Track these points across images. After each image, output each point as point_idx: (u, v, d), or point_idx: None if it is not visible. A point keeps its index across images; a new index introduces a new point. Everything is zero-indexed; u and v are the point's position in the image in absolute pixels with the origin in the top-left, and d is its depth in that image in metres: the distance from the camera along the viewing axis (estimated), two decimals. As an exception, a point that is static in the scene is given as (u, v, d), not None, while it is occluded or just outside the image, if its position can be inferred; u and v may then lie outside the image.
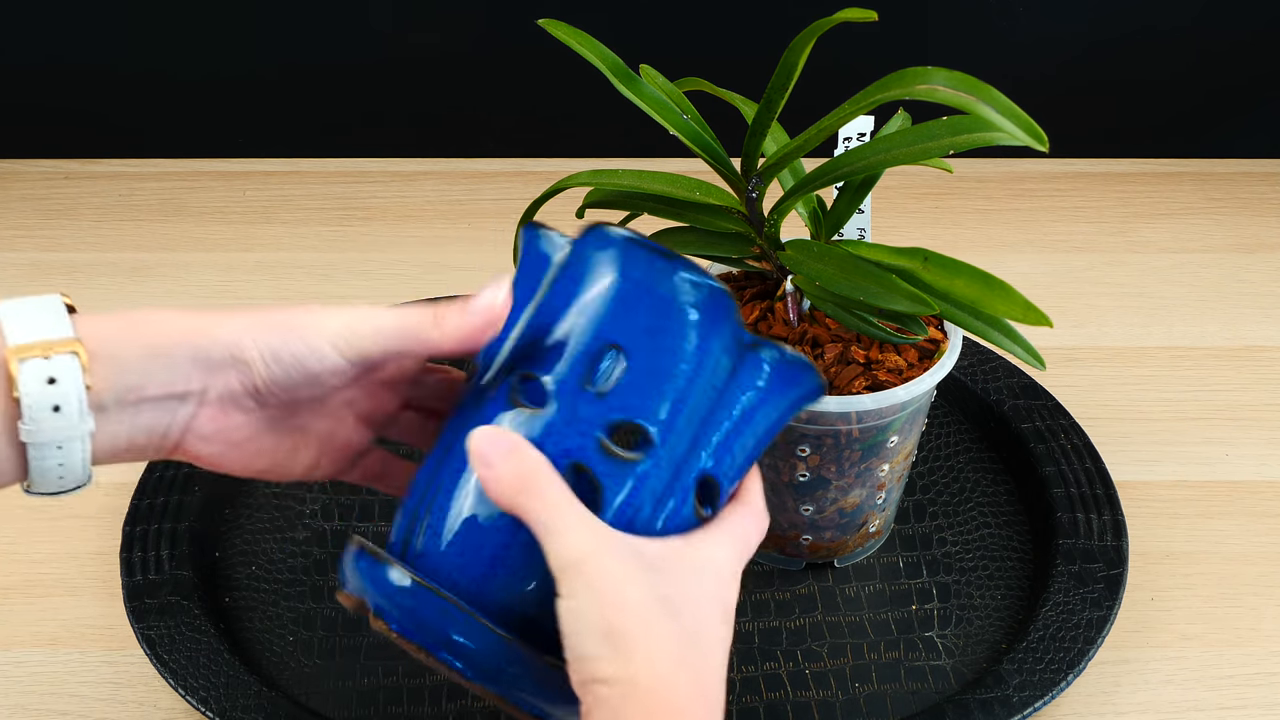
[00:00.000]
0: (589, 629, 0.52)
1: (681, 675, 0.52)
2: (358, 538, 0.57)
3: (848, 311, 0.71)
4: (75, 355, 0.53)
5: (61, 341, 0.53)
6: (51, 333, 0.53)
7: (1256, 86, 1.17)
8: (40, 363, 0.52)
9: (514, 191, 1.15)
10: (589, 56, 0.72)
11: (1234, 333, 1.01)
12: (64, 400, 0.53)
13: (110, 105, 1.17)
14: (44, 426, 0.53)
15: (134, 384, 0.55)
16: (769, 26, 1.10)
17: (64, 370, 0.53)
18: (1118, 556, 0.79)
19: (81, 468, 0.55)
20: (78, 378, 0.53)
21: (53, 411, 0.53)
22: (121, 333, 0.55)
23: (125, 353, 0.54)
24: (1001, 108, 0.60)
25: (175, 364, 0.55)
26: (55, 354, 0.53)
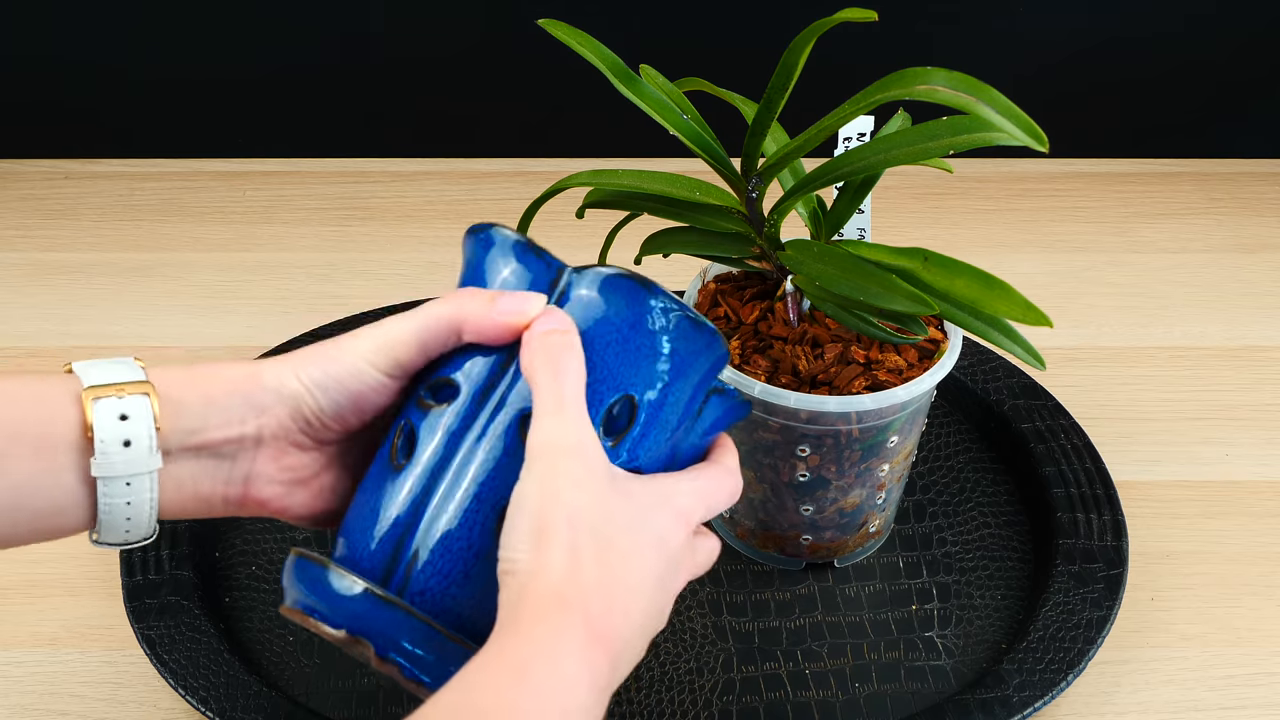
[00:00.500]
0: (524, 518, 0.54)
1: (591, 585, 0.53)
2: (297, 550, 0.59)
3: (848, 311, 0.71)
4: (147, 395, 0.56)
5: (134, 384, 0.56)
6: (124, 376, 0.56)
7: (1256, 86, 1.17)
8: (114, 400, 0.55)
9: (514, 191, 1.15)
10: (589, 56, 0.72)
11: (1234, 333, 1.01)
12: (135, 436, 0.55)
13: (110, 105, 1.17)
14: (114, 461, 0.55)
15: (194, 427, 0.57)
16: (769, 26, 1.10)
17: (136, 408, 0.56)
18: (1118, 556, 0.79)
19: (149, 513, 0.57)
20: (149, 415, 0.56)
21: (124, 446, 0.55)
22: (184, 382, 0.58)
23: (186, 399, 0.57)
24: (1001, 108, 0.60)
25: (230, 408, 0.58)
26: (128, 394, 0.56)
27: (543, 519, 0.53)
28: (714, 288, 0.79)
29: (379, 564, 0.58)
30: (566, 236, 0.85)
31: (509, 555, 0.54)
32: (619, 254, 0.78)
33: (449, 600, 0.57)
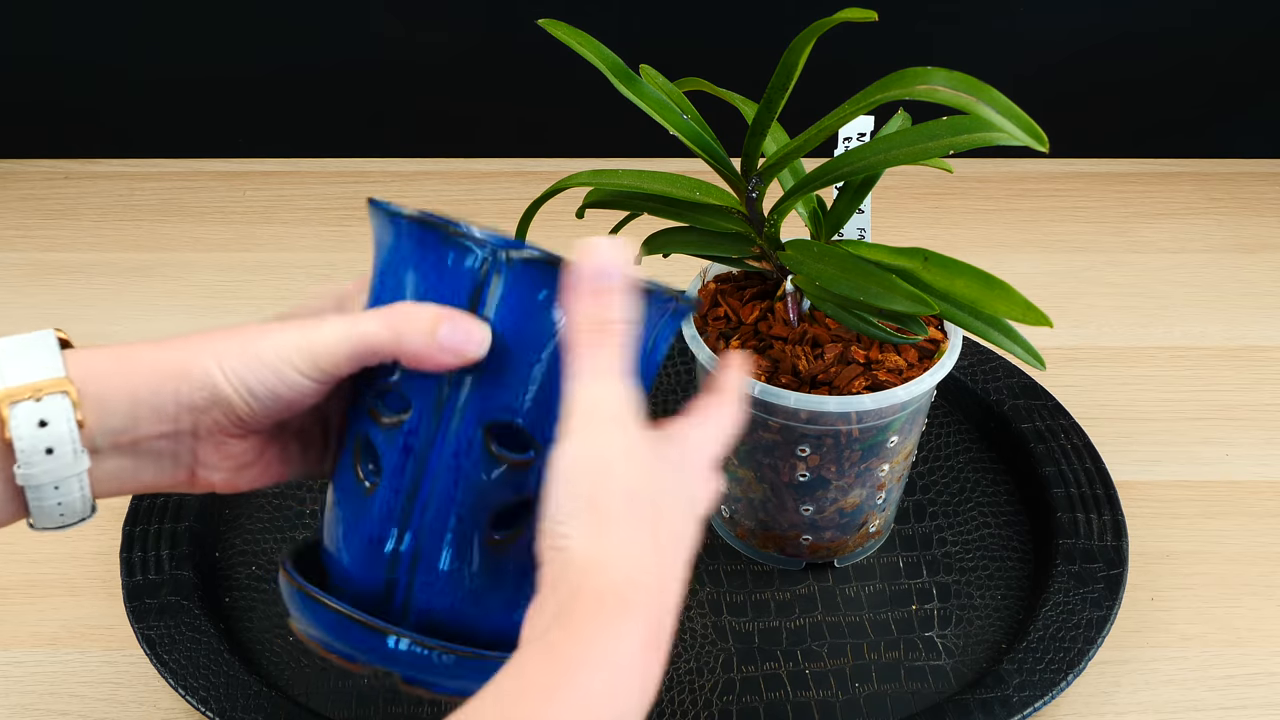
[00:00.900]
0: (575, 491, 0.51)
1: (654, 585, 0.51)
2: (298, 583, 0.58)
3: (848, 311, 0.71)
4: (65, 395, 0.53)
5: (52, 382, 0.53)
6: (42, 373, 0.53)
7: (1256, 86, 1.17)
8: (31, 405, 0.53)
9: (514, 191, 1.15)
10: (589, 56, 0.72)
11: (1234, 333, 1.01)
12: (57, 442, 0.53)
13: (110, 105, 1.17)
14: (38, 469, 0.54)
15: (122, 427, 0.55)
16: (769, 26, 1.10)
17: (55, 412, 0.53)
18: (1118, 556, 0.79)
19: (81, 504, 0.55)
20: (69, 418, 0.53)
21: (46, 454, 0.53)
22: (105, 373, 0.55)
23: (109, 396, 0.54)
24: (1001, 108, 0.60)
25: (159, 406, 0.55)
26: (46, 395, 0.53)
27: (597, 496, 0.51)
28: (714, 288, 0.79)
29: (377, 591, 0.57)
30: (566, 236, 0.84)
31: (559, 530, 0.51)
32: (619, 254, 0.78)
33: (459, 615, 0.57)
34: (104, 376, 0.54)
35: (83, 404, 0.54)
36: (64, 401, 0.53)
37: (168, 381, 0.55)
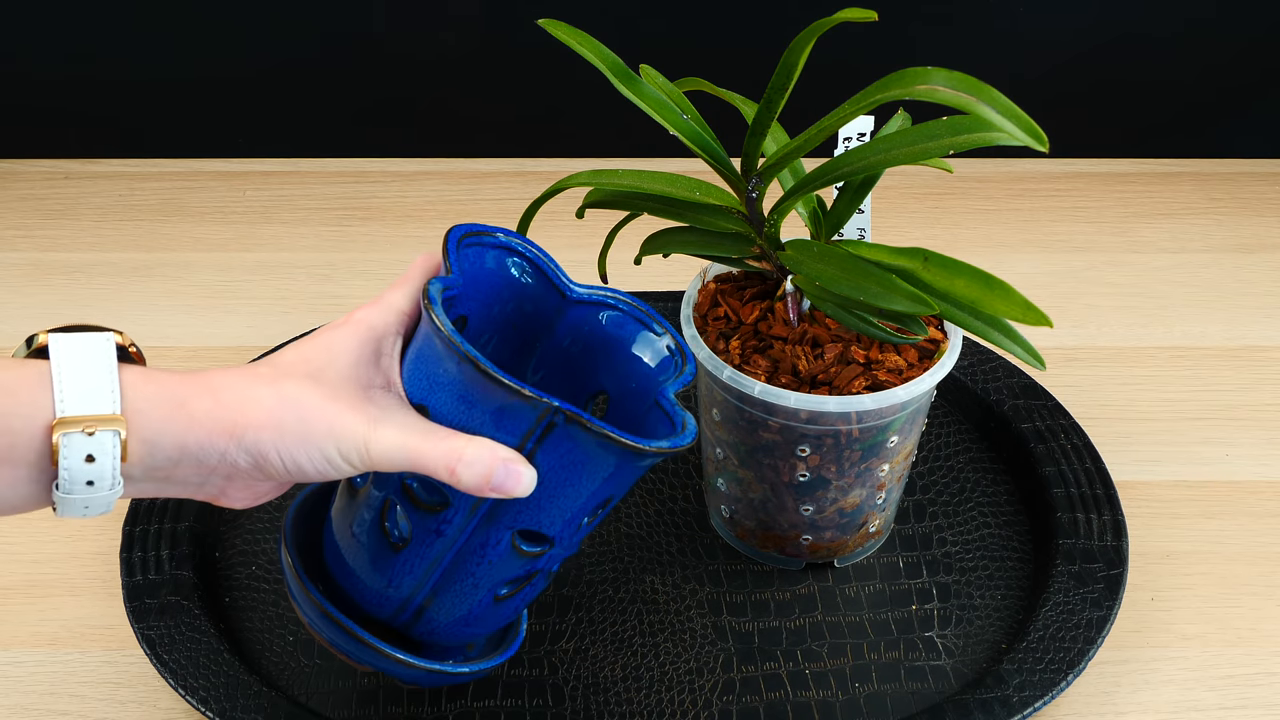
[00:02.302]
0: None
1: None
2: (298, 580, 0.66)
3: (848, 311, 0.71)
4: (117, 434, 0.54)
5: (107, 419, 0.54)
6: (99, 405, 0.54)
7: (1256, 86, 1.17)
8: (82, 439, 0.54)
9: (514, 191, 1.15)
10: (589, 56, 0.72)
11: (1234, 333, 1.01)
12: (99, 477, 0.55)
13: (110, 105, 1.17)
14: (77, 496, 0.55)
15: (163, 468, 0.57)
16: (769, 26, 1.10)
17: (103, 449, 0.54)
18: (1118, 556, 0.79)
19: (107, 509, 0.57)
20: (115, 457, 0.55)
21: (86, 485, 0.55)
22: (163, 419, 0.56)
23: (161, 443, 0.56)
24: (1001, 108, 0.60)
25: (203, 460, 0.57)
26: (99, 430, 0.54)
27: None
28: (714, 288, 0.79)
29: (382, 611, 0.66)
30: (566, 236, 0.85)
31: None
32: (619, 254, 0.78)
33: (453, 638, 0.68)
34: (158, 421, 0.56)
35: (130, 442, 0.55)
36: (114, 440, 0.54)
37: (219, 439, 0.57)
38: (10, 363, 0.55)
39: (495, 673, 0.75)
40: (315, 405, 0.58)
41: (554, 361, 0.72)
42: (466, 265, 0.68)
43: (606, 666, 0.76)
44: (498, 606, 0.66)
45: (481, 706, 0.74)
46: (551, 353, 0.72)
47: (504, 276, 0.70)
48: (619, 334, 0.71)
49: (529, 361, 0.73)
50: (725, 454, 0.78)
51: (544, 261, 0.71)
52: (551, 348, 0.72)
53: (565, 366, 0.72)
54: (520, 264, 0.70)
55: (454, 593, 0.65)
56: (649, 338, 0.71)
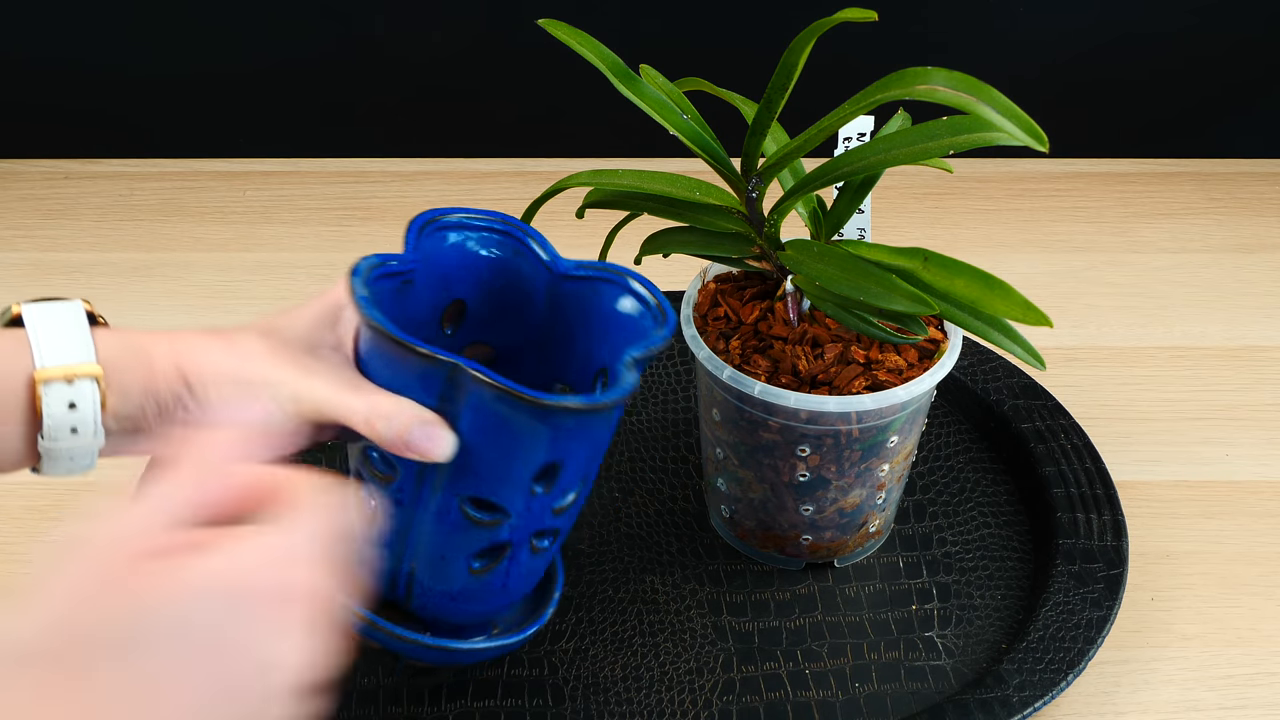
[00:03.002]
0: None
1: None
2: None
3: (848, 311, 0.71)
4: (95, 382, 0.58)
5: (84, 367, 0.58)
6: (75, 356, 0.58)
7: (1256, 86, 1.17)
8: (63, 387, 0.58)
9: (514, 191, 1.15)
10: (589, 56, 0.72)
11: (1234, 333, 1.01)
12: (81, 424, 0.58)
13: (111, 105, 1.17)
14: (63, 444, 0.59)
15: (132, 415, 0.60)
16: (769, 26, 1.10)
17: (84, 396, 0.58)
18: (1118, 556, 0.79)
19: (88, 467, 0.61)
20: (95, 403, 0.58)
21: (71, 432, 0.58)
22: (130, 367, 0.60)
23: (130, 389, 0.60)
24: (1001, 108, 0.60)
25: (164, 410, 0.61)
26: (77, 379, 0.58)
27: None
28: (714, 288, 0.79)
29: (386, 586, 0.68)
30: (566, 236, 0.85)
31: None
32: (619, 254, 0.78)
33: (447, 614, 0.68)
34: (126, 370, 0.59)
35: (107, 391, 0.59)
36: (93, 388, 0.58)
37: (176, 384, 0.61)
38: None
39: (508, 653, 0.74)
40: (258, 355, 0.62)
41: (558, 339, 0.72)
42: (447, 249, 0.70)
43: (606, 666, 0.76)
44: (481, 581, 0.66)
45: (481, 706, 0.74)
46: (552, 330, 0.72)
47: (490, 259, 0.72)
48: (607, 307, 0.70)
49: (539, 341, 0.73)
50: (725, 454, 0.78)
51: (528, 240, 0.72)
52: (548, 325, 0.72)
53: (566, 344, 0.72)
54: (505, 243, 0.72)
55: (428, 564, 0.66)
56: (630, 305, 0.69)
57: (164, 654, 0.43)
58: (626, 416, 0.91)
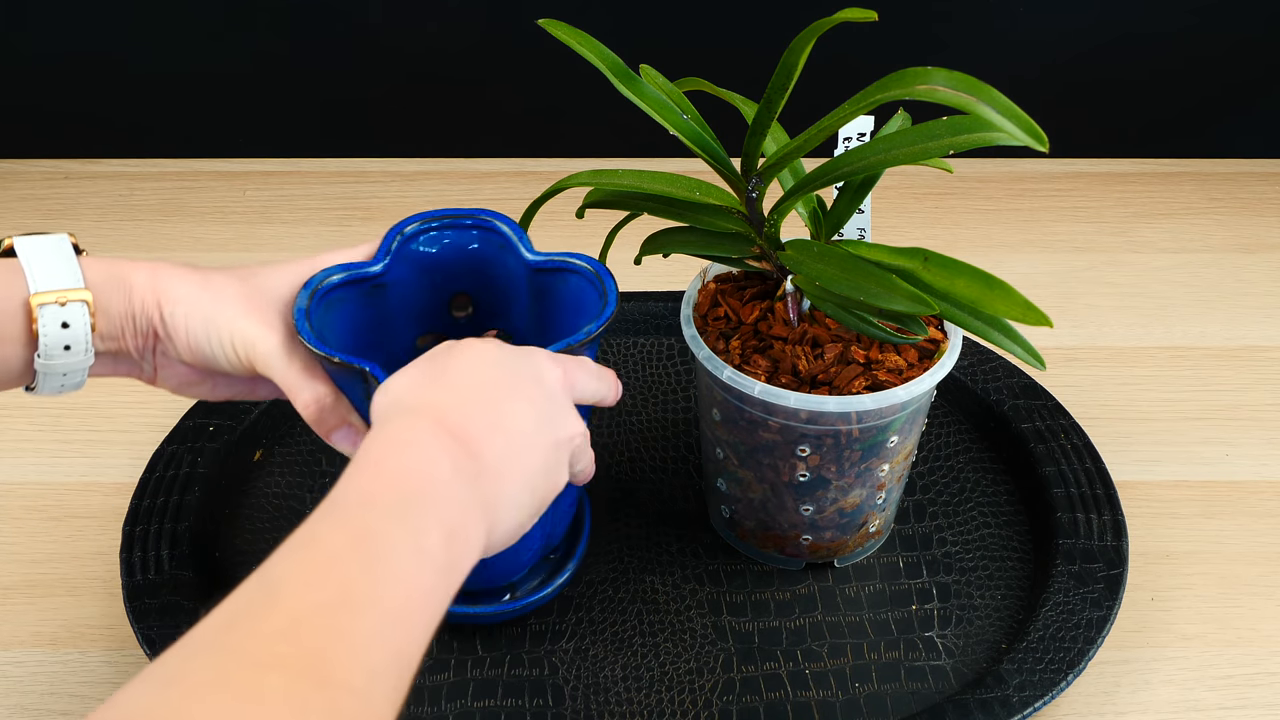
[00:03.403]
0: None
1: (437, 394, 0.60)
2: None
3: (848, 311, 0.71)
4: (85, 304, 0.64)
5: (75, 291, 0.64)
6: (65, 282, 0.64)
7: (1256, 86, 1.17)
8: (55, 309, 0.63)
9: (514, 191, 1.15)
10: (589, 56, 0.72)
11: (1234, 333, 1.01)
12: (74, 341, 0.64)
13: (110, 105, 1.17)
14: (57, 361, 0.64)
15: (113, 335, 0.66)
16: (769, 26, 1.10)
17: (75, 317, 0.64)
18: (1118, 556, 0.79)
19: (78, 386, 0.67)
20: (86, 323, 0.64)
21: (64, 349, 0.64)
22: (111, 290, 0.65)
23: (111, 310, 0.65)
24: (1001, 108, 0.60)
25: (140, 333, 0.66)
26: (69, 301, 0.63)
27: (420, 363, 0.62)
28: (714, 288, 0.79)
29: None
30: (566, 236, 0.85)
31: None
32: (619, 254, 0.78)
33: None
34: (109, 294, 0.65)
35: (95, 313, 0.64)
36: (83, 310, 0.64)
37: (151, 308, 0.66)
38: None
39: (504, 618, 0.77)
40: (230, 298, 0.67)
41: (547, 326, 0.75)
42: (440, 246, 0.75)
43: (606, 666, 0.76)
44: None
45: (482, 706, 0.74)
46: (540, 317, 0.76)
47: (480, 253, 0.76)
48: (575, 295, 0.73)
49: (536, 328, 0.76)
50: (725, 454, 0.78)
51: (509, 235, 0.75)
52: (534, 313, 0.76)
53: (556, 330, 0.75)
54: (491, 238, 0.76)
55: None
56: (591, 293, 0.72)
57: (491, 372, 0.61)
58: (627, 416, 0.91)
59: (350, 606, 0.47)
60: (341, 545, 0.49)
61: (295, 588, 0.47)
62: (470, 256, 0.76)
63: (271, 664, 0.44)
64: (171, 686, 0.43)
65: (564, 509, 0.75)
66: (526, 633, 0.78)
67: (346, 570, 0.48)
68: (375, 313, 0.74)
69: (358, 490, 0.52)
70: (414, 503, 0.52)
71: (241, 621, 0.46)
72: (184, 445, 0.86)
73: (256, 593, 0.47)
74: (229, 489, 0.85)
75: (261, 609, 0.46)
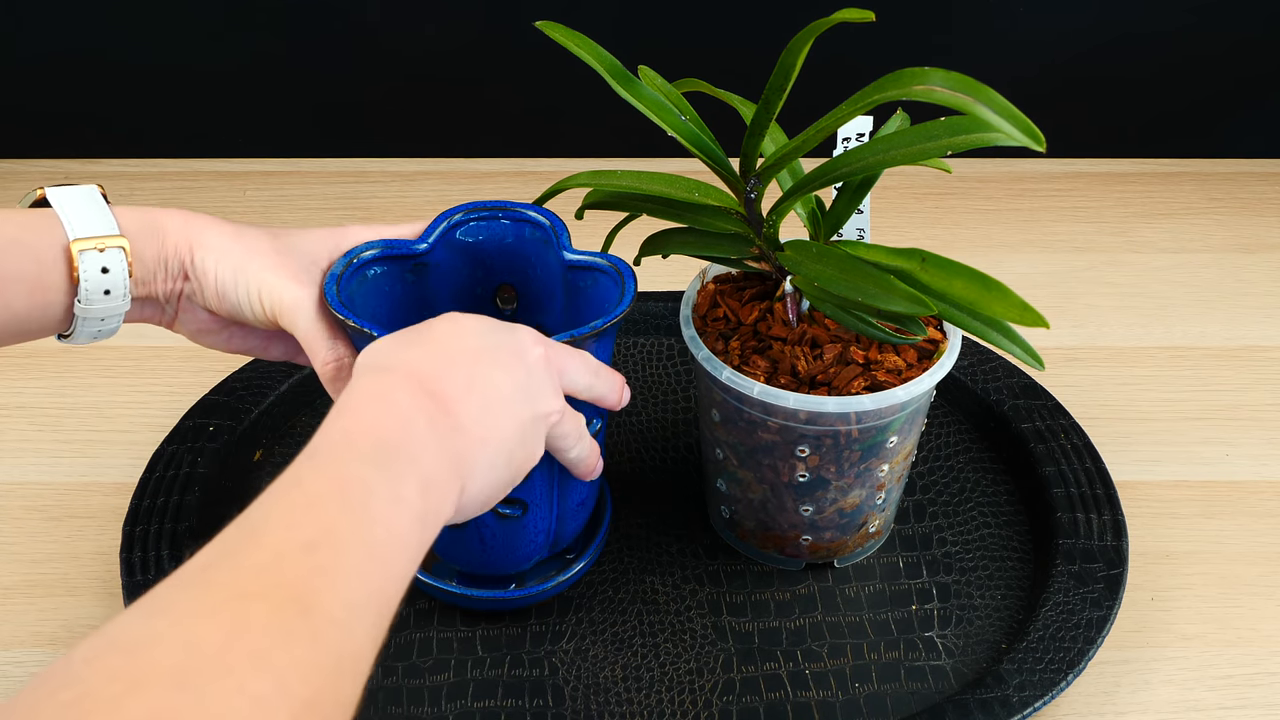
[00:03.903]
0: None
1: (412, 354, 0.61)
2: None
3: (847, 312, 0.71)
4: (122, 250, 0.66)
5: (112, 238, 0.66)
6: (103, 228, 0.66)
7: (1256, 86, 1.17)
8: (95, 255, 0.65)
9: (514, 191, 1.15)
10: (586, 58, 0.72)
11: (1234, 333, 1.01)
12: (114, 286, 0.66)
13: (110, 105, 1.17)
14: (97, 306, 0.66)
15: (147, 281, 0.68)
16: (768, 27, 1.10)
17: (114, 262, 0.66)
18: (1118, 556, 0.79)
19: (115, 328, 0.69)
20: (124, 268, 0.66)
21: (104, 294, 0.66)
22: (145, 235, 0.67)
23: (144, 254, 0.68)
24: (999, 108, 0.60)
25: (170, 275, 0.69)
26: (108, 248, 0.65)
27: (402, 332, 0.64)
28: (713, 288, 0.79)
29: None
30: (566, 237, 0.85)
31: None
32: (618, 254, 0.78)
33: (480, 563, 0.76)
34: (142, 239, 0.67)
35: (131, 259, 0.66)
36: (121, 256, 0.66)
37: (183, 251, 0.68)
38: (19, 211, 0.66)
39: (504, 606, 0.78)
40: (262, 251, 0.69)
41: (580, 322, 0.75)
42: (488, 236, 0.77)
43: (606, 666, 0.76)
44: (455, 535, 0.74)
45: (482, 707, 0.74)
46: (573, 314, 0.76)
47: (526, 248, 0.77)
48: (602, 296, 0.74)
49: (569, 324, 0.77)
50: (725, 454, 0.78)
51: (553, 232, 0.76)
52: (567, 310, 0.77)
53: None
54: (538, 233, 0.77)
55: None
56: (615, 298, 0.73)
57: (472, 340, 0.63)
58: (627, 416, 0.91)
59: (332, 544, 0.49)
60: (322, 489, 0.51)
61: (277, 528, 0.49)
62: (514, 249, 0.77)
63: (256, 594, 0.45)
64: (158, 616, 0.45)
65: (572, 506, 0.75)
66: (526, 633, 0.78)
67: (327, 511, 0.50)
68: (415, 293, 0.76)
69: (337, 439, 0.54)
70: (391, 451, 0.54)
71: (226, 559, 0.47)
72: (184, 445, 0.86)
73: (240, 533, 0.49)
74: (229, 489, 0.85)
75: (245, 547, 0.48)
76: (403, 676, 0.76)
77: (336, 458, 0.53)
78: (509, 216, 0.77)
